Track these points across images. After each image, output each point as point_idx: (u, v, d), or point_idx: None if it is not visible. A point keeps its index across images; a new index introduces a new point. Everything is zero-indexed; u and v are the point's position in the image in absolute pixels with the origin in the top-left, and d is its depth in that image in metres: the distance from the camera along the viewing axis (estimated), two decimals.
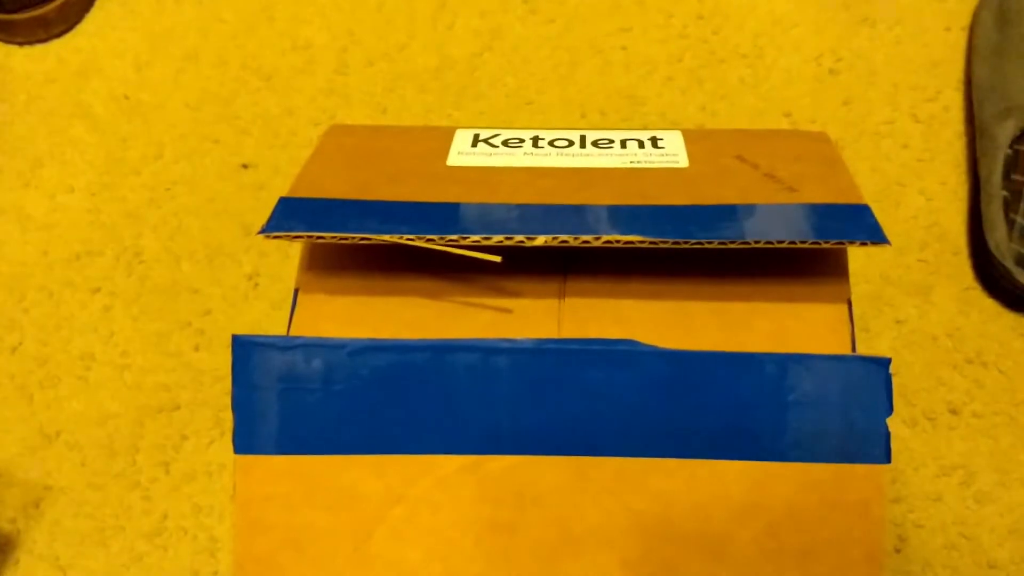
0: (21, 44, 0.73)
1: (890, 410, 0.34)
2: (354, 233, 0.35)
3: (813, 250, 0.38)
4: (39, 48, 0.72)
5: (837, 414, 0.34)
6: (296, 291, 0.38)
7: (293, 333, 0.37)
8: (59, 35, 0.73)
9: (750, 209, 0.36)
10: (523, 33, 0.71)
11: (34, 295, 0.63)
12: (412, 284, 0.38)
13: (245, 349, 0.35)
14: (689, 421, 0.34)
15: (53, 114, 0.70)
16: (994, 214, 0.60)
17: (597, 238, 0.35)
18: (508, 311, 0.37)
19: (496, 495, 0.35)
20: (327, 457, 0.35)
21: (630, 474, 0.35)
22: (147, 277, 0.64)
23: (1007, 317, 0.60)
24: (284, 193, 0.38)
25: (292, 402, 0.35)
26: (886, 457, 0.34)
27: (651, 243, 0.35)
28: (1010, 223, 0.60)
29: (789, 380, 0.34)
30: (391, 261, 0.38)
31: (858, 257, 0.62)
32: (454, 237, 0.35)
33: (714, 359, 0.34)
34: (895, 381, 0.59)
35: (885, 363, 0.34)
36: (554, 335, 0.37)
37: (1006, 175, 0.61)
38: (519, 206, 0.37)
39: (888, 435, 0.34)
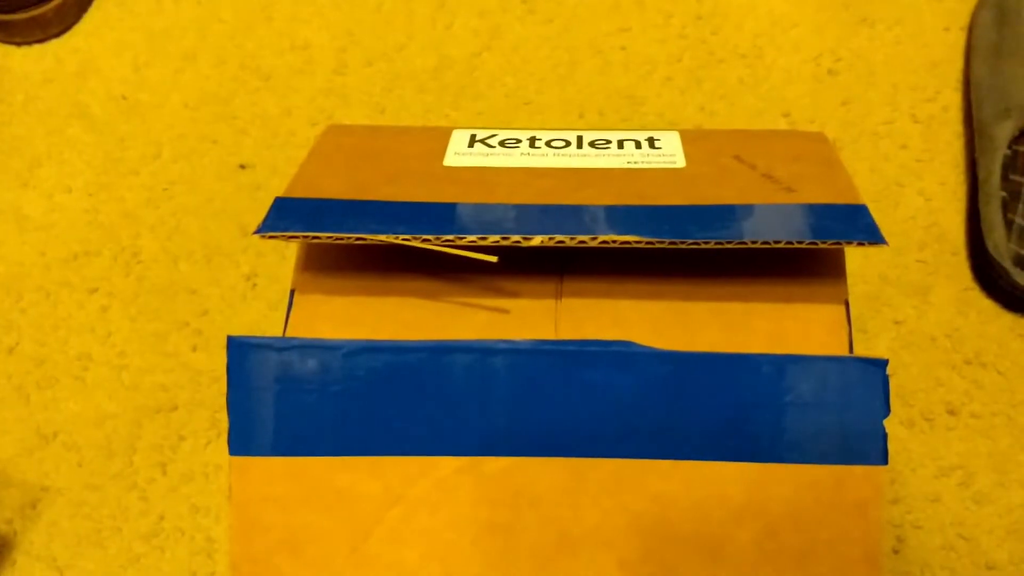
0: (19, 44, 0.73)
1: (887, 411, 0.34)
2: (350, 233, 0.35)
3: (811, 250, 0.38)
4: (37, 48, 0.72)
5: (835, 415, 0.34)
6: (292, 292, 0.38)
7: (289, 334, 0.37)
8: (57, 35, 0.73)
9: (747, 209, 0.36)
10: (522, 33, 0.71)
11: (31, 295, 0.63)
12: (409, 284, 0.38)
13: (241, 350, 0.35)
14: (687, 422, 0.34)
15: (51, 114, 0.70)
16: (992, 215, 0.60)
17: (594, 238, 0.35)
18: (505, 311, 0.37)
19: (494, 496, 0.35)
20: (324, 458, 0.35)
21: (628, 475, 0.34)
22: (145, 277, 0.63)
23: (1005, 318, 0.60)
24: (281, 193, 0.38)
25: (288, 403, 0.35)
26: (884, 458, 0.34)
27: (648, 243, 0.35)
28: (1008, 224, 0.60)
29: (786, 381, 0.34)
30: (388, 261, 0.38)
31: (856, 257, 0.62)
32: (450, 237, 0.35)
33: (711, 360, 0.34)
34: (893, 382, 0.59)
35: (882, 364, 0.34)
36: (551, 336, 0.36)
37: (1004, 176, 0.61)
38: (516, 206, 0.37)
39: (885, 436, 0.34)
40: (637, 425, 0.34)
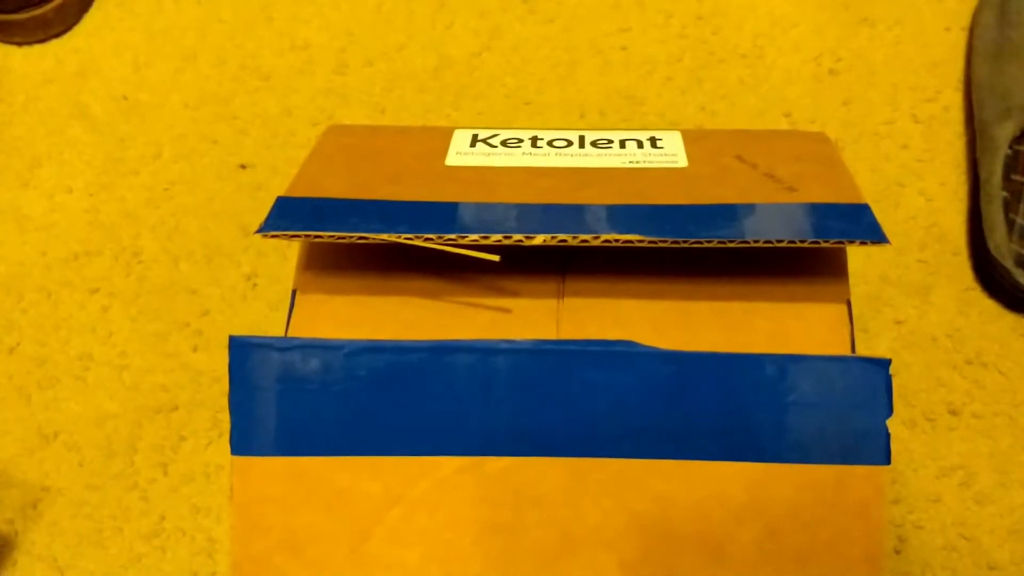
0: (19, 44, 0.72)
1: (890, 411, 0.34)
2: (351, 232, 0.35)
3: (813, 250, 0.38)
4: (37, 48, 0.72)
5: (837, 415, 0.34)
6: (294, 292, 0.38)
7: (291, 334, 0.37)
8: (57, 35, 0.73)
9: (749, 208, 0.36)
10: (522, 33, 0.71)
11: (32, 295, 0.63)
12: (410, 284, 0.38)
13: (242, 350, 0.35)
14: (688, 422, 0.34)
15: (51, 114, 0.70)
16: (994, 215, 0.60)
17: (596, 237, 0.35)
18: (507, 311, 0.37)
19: (495, 496, 0.35)
20: (325, 458, 0.35)
21: (629, 475, 0.34)
22: (145, 277, 0.63)
23: (1007, 318, 0.60)
24: (282, 193, 0.38)
25: (289, 403, 0.35)
26: (886, 458, 0.34)
27: (650, 242, 0.35)
28: (1010, 224, 0.60)
29: (788, 381, 0.34)
30: (389, 261, 0.38)
31: (857, 257, 0.62)
32: (452, 236, 0.35)
33: (713, 360, 0.34)
34: (894, 382, 0.59)
35: (885, 364, 0.34)
36: (553, 335, 0.36)
37: (1006, 176, 0.61)
38: (518, 205, 0.37)
39: (888, 436, 0.34)
40: (638, 425, 0.34)
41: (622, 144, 0.42)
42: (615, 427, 0.34)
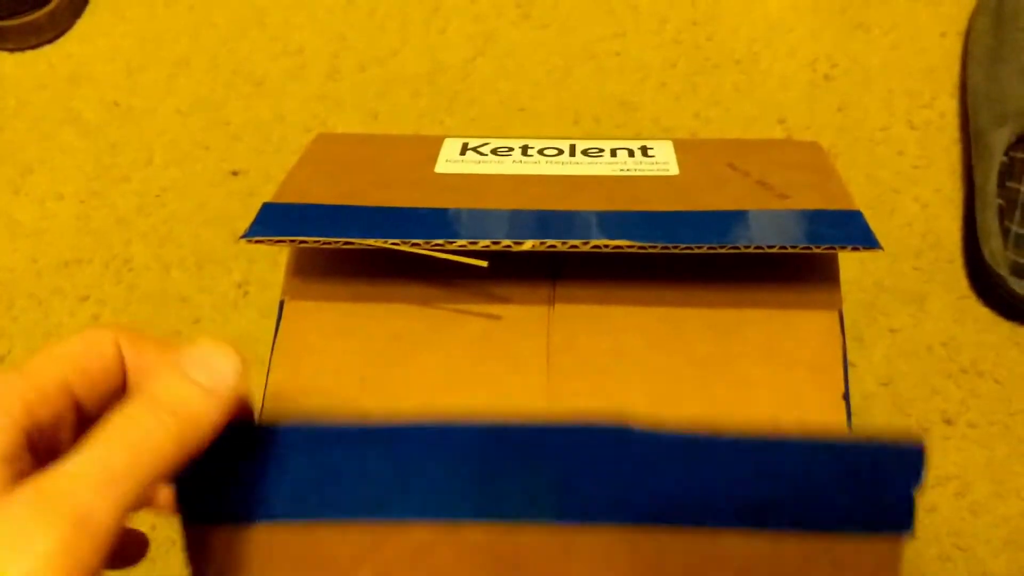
0: (11, 50, 0.72)
1: (919, 484, 0.30)
2: (338, 238, 0.35)
3: (804, 257, 0.38)
4: (30, 54, 0.72)
5: (861, 493, 0.31)
6: (282, 301, 0.38)
7: (279, 344, 0.37)
8: (50, 41, 0.72)
9: (741, 215, 0.36)
10: (516, 38, 0.71)
11: (23, 302, 0.63)
12: (400, 291, 0.37)
13: None
14: (687, 492, 0.31)
15: (43, 120, 0.69)
16: (989, 222, 0.60)
17: (586, 243, 0.34)
18: (497, 317, 0.37)
19: (474, 563, 0.32)
20: (286, 524, 0.32)
21: (621, 543, 0.32)
22: (136, 285, 0.63)
23: (1002, 326, 0.60)
24: (269, 199, 0.38)
25: (248, 472, 0.32)
26: (911, 527, 0.31)
27: (640, 248, 0.34)
28: (1005, 231, 0.60)
29: (807, 467, 0.31)
30: (379, 268, 0.38)
31: (852, 265, 0.62)
32: (440, 242, 0.35)
33: (720, 445, 0.30)
34: (889, 390, 0.58)
35: (920, 446, 0.30)
36: (543, 342, 0.36)
37: (1001, 183, 0.61)
38: (507, 211, 0.36)
39: (914, 509, 0.31)
40: (632, 492, 0.31)
41: (613, 153, 0.41)
42: (607, 493, 0.31)
